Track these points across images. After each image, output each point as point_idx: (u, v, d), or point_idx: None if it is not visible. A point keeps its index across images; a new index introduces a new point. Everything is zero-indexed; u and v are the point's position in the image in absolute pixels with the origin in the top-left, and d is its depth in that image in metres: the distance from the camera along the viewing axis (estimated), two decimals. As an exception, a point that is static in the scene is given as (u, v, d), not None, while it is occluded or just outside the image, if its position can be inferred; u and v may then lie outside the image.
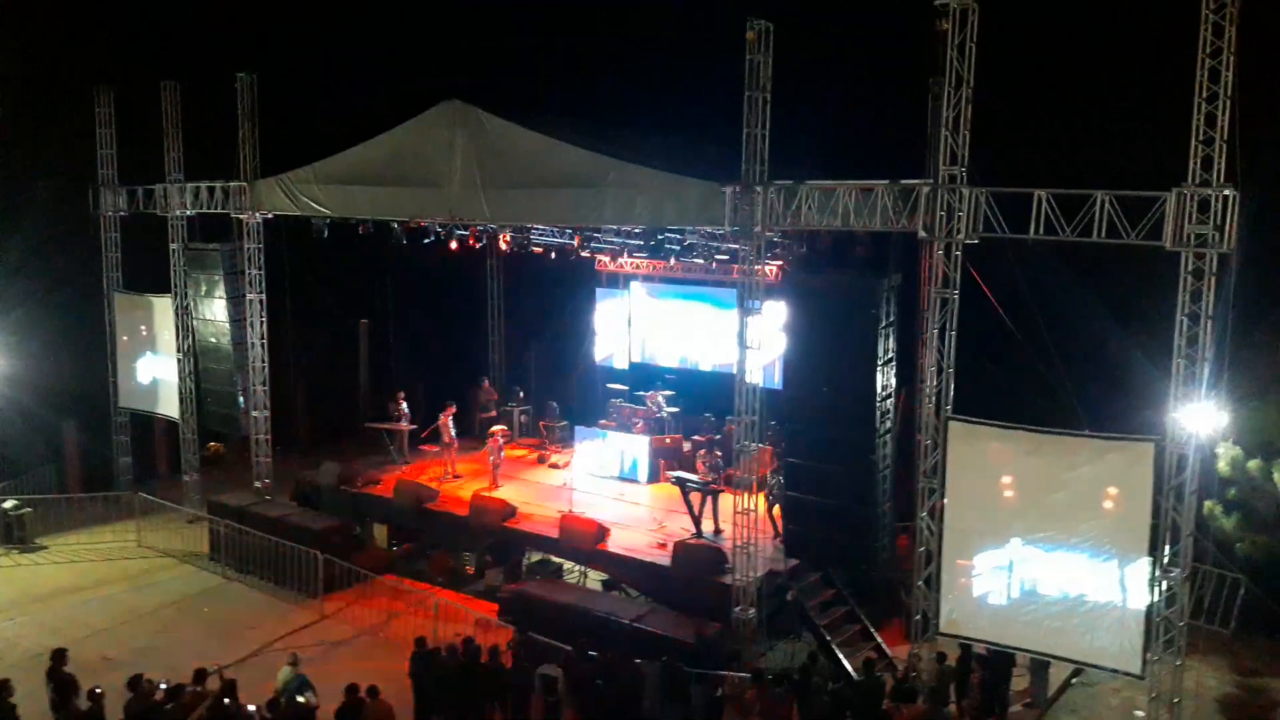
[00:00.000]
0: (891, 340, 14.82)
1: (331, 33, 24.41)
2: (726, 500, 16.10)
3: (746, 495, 14.81)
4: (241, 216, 20.31)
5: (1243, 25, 11.00)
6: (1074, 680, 14.39)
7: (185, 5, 23.63)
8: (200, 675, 12.17)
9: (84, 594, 17.78)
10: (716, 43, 15.32)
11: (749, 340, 14.71)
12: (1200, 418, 11.84)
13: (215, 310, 21.27)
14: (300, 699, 12.10)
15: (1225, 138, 11.21)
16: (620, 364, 23.00)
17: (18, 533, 20.02)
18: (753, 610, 14.79)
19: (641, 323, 22.51)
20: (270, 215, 20.16)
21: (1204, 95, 11.23)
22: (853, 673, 13.89)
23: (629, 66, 22.45)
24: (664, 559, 16.06)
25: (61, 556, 19.60)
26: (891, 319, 14.75)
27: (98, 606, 17.23)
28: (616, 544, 16.81)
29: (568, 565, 17.67)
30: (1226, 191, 11.24)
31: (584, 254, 21.30)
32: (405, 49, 24.84)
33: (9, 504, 20.22)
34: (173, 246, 21.46)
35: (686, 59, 21.16)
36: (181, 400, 21.80)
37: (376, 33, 25.23)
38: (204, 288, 21.39)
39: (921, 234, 13.05)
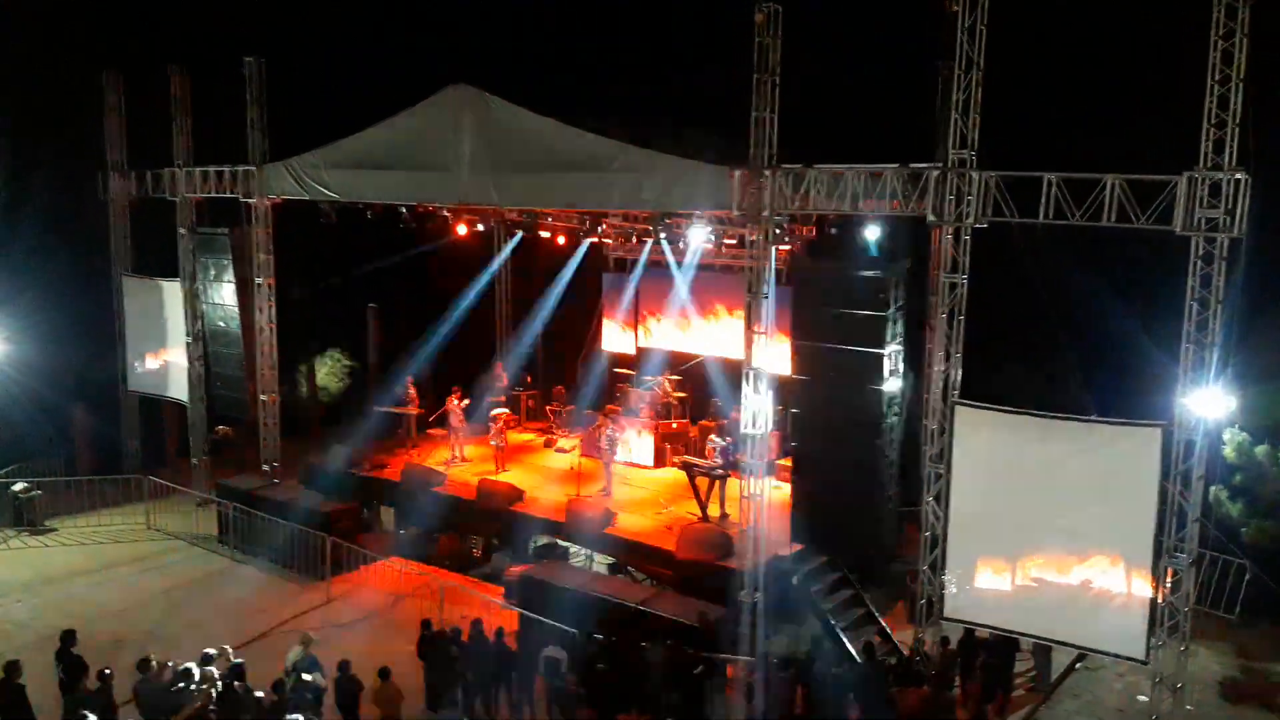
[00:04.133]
0: (899, 325, 14.78)
1: (339, 16, 24.35)
2: (733, 485, 16.13)
3: (753, 480, 14.83)
4: (250, 201, 20.33)
5: (1256, 7, 10.91)
6: (1078, 665, 14.41)
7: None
8: (209, 657, 12.27)
9: (93, 576, 17.91)
10: (726, 23, 15.22)
11: (756, 325, 14.69)
12: (1208, 403, 11.81)
13: (224, 294, 21.33)
14: (307, 678, 12.19)
15: (1237, 121, 11.14)
16: (628, 349, 23.01)
17: (28, 515, 20.16)
18: (758, 594, 14.82)
19: (649, 308, 22.50)
20: (279, 200, 20.18)
21: (1216, 78, 11.16)
22: (857, 657, 13.92)
23: (638, 48, 22.37)
24: (670, 543, 16.10)
25: (71, 539, 19.73)
26: (900, 304, 14.70)
27: (107, 588, 17.35)
28: (623, 528, 16.87)
29: (574, 549, 17.71)
30: (1238, 175, 11.18)
31: (592, 239, 21.30)
32: (413, 32, 24.78)
33: (19, 487, 20.35)
34: (181, 231, 21.51)
35: (695, 39, 21.06)
36: (190, 384, 21.88)
37: (384, 16, 25.17)
38: (213, 272, 21.46)
39: (930, 218, 13.01)
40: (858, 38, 19.01)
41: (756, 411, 14.78)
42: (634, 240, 20.92)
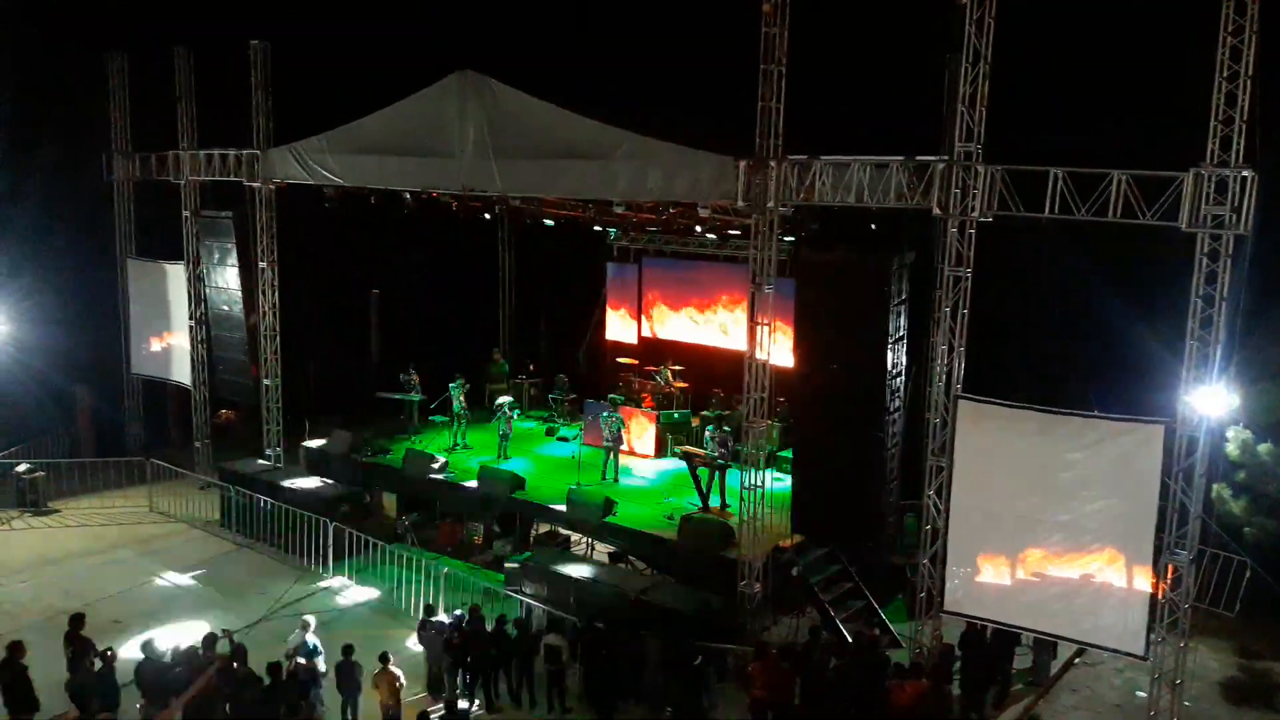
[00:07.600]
0: (903, 318, 14.74)
1: (345, 1, 24.26)
2: (733, 476, 16.14)
3: (754, 471, 14.83)
4: (254, 184, 20.31)
5: (1265, 2, 10.83)
6: (1077, 660, 14.43)
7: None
8: (210, 640, 12.32)
9: (96, 558, 17.97)
10: (733, 12, 15.13)
11: (759, 316, 14.67)
12: (1211, 400, 11.77)
13: (227, 278, 21.34)
14: (303, 661, 12.24)
15: (1245, 118, 11.07)
16: (630, 338, 23.00)
17: (31, 496, 20.22)
18: (758, 584, 14.85)
19: (652, 297, 22.48)
20: (283, 183, 20.15)
21: (1225, 74, 11.08)
22: (856, 648, 13.94)
23: (645, 35, 22.25)
24: (670, 532, 16.13)
25: (74, 520, 19.79)
26: (903, 297, 14.66)
27: (109, 570, 17.41)
28: (624, 517, 16.89)
29: (575, 537, 17.74)
30: (1245, 172, 11.11)
31: (596, 228, 21.26)
32: (418, 17, 24.67)
33: (22, 468, 20.41)
34: (185, 214, 21.49)
35: (703, 28, 20.94)
36: (193, 367, 21.91)
37: (390, 1, 25.05)
38: (216, 255, 21.45)
39: (935, 211, 12.95)
40: (865, 29, 18.89)
41: (758, 402, 14.78)
42: (639, 229, 20.93)
